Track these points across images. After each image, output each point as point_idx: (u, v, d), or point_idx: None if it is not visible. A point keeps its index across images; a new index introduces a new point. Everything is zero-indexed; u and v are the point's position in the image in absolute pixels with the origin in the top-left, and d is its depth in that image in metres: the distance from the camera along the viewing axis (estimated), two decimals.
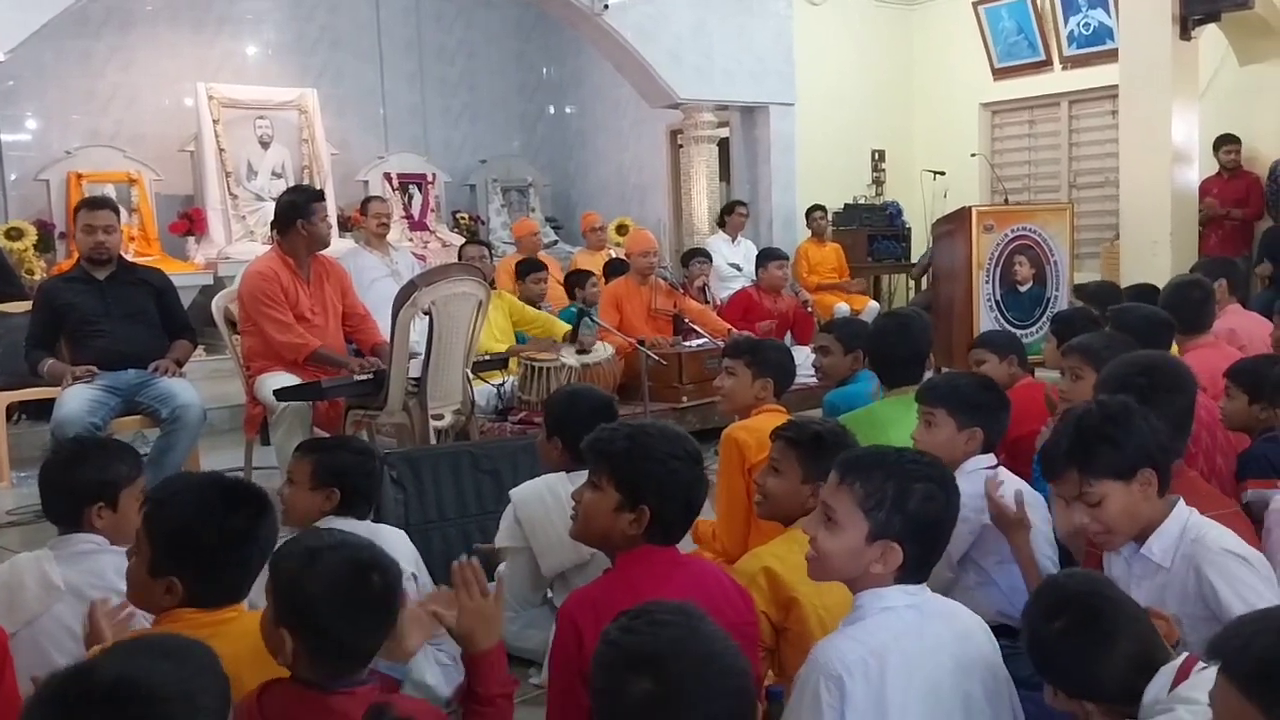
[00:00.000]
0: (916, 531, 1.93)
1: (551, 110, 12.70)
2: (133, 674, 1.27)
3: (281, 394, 4.52)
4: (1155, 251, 7.45)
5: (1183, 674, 1.75)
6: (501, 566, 3.33)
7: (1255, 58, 8.43)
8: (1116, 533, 2.26)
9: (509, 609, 3.29)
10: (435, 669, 2.99)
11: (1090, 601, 1.84)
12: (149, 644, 1.46)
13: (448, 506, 3.85)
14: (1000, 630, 2.20)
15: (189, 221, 9.35)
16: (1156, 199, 7.52)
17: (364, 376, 4.65)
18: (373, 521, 3.04)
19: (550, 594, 3.28)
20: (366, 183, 10.41)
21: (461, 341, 4.79)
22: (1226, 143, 8.36)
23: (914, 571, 1.95)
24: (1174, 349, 3.92)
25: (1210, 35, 7.88)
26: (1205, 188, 8.17)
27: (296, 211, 4.83)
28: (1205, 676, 1.65)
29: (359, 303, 5.19)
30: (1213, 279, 5.07)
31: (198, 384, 4.92)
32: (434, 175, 10.95)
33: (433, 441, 4.61)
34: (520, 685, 3.08)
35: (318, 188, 6.37)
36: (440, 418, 4.76)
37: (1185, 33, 7.41)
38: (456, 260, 6.73)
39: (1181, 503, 2.27)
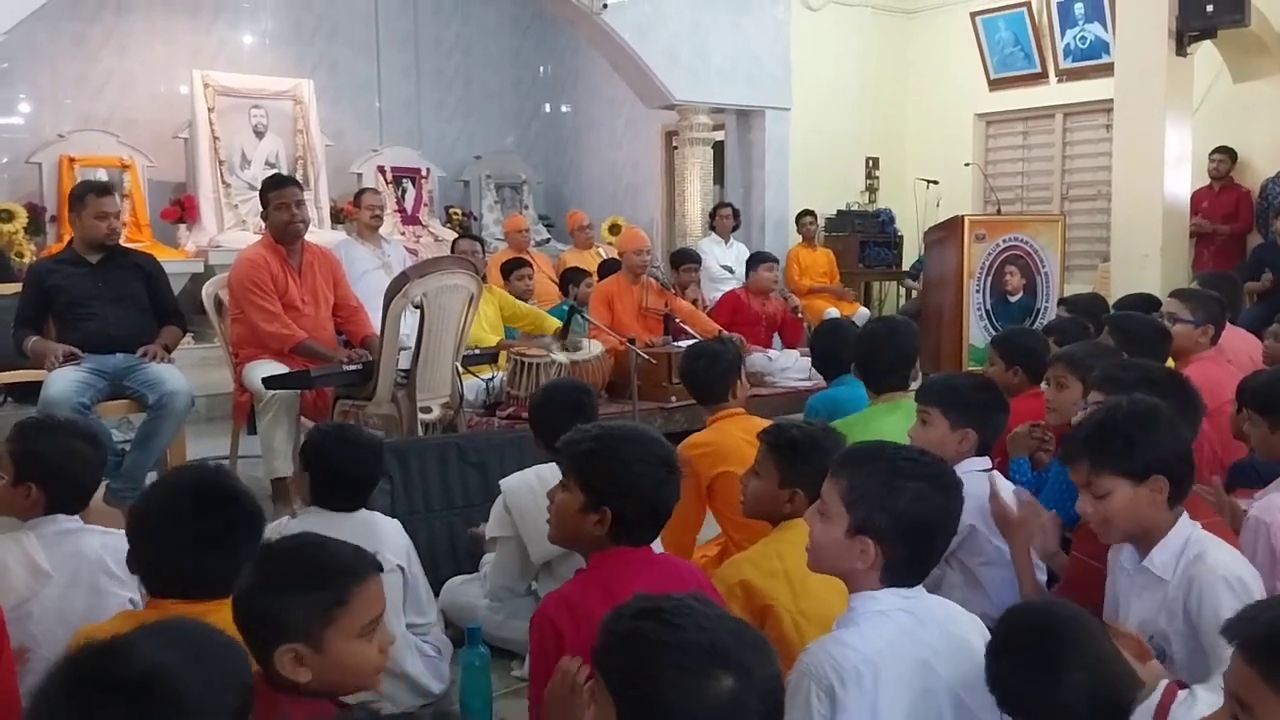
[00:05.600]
0: (903, 531, 1.89)
1: (547, 108, 12.68)
2: (163, 670, 1.26)
3: (270, 382, 4.51)
4: (1145, 265, 7.49)
5: (1162, 710, 1.68)
6: (486, 556, 3.33)
7: (1249, 75, 8.48)
8: (1114, 528, 2.24)
9: (493, 599, 3.30)
10: (416, 659, 2.99)
11: (1038, 638, 1.75)
12: (182, 636, 1.40)
13: (434, 498, 3.84)
14: None
15: (181, 209, 9.30)
16: (1148, 213, 7.55)
17: (353, 367, 4.64)
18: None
19: (535, 585, 3.28)
20: (360, 175, 10.35)
21: (452, 335, 4.78)
22: (1216, 153, 8.43)
23: (903, 572, 1.91)
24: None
25: (1205, 52, 7.91)
26: (1195, 200, 8.20)
27: (262, 200, 5.03)
28: (1183, 710, 1.63)
29: (351, 295, 5.18)
30: None
31: (185, 371, 4.88)
32: (428, 170, 10.91)
33: (420, 434, 4.60)
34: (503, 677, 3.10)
35: (293, 176, 6.37)
36: (428, 410, 4.75)
37: (1181, 49, 7.45)
38: (449, 254, 6.72)
39: (1185, 516, 2.23)
